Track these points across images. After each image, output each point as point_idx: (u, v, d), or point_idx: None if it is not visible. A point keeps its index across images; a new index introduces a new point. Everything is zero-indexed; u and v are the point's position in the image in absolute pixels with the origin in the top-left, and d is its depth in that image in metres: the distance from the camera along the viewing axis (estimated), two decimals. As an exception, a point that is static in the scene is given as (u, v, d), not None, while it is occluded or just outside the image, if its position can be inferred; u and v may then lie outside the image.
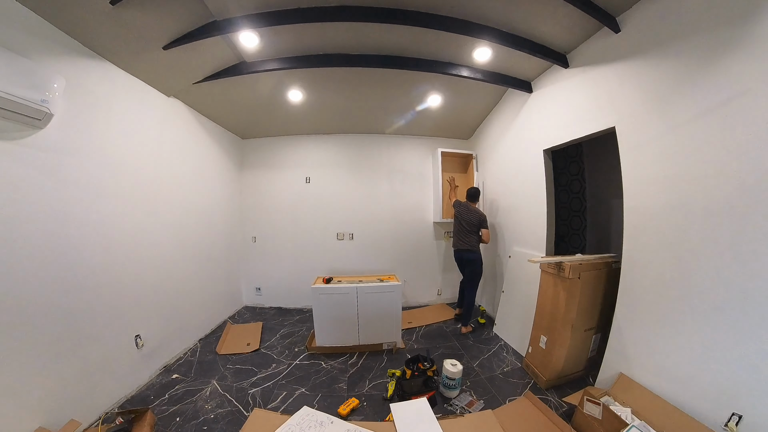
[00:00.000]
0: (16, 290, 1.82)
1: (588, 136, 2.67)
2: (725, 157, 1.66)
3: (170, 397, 2.58)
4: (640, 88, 2.17)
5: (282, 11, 2.34)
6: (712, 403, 1.69)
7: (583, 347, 2.69)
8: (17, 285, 1.82)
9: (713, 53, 1.71)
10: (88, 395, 2.23)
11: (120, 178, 2.61)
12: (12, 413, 1.74)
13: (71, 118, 2.16)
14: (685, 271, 1.88)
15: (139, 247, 2.80)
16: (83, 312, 2.24)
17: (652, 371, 2.06)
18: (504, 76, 3.35)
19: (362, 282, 3.46)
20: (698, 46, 1.79)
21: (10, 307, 1.78)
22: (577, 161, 4.06)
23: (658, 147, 2.04)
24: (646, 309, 2.13)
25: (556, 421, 2.09)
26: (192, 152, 3.70)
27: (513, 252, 3.72)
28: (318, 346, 3.39)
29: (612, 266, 2.67)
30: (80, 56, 2.23)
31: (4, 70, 1.63)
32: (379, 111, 4.27)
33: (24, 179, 1.87)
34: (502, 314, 3.75)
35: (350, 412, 2.38)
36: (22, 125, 1.83)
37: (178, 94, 3.32)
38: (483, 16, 2.48)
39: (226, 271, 4.49)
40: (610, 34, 2.36)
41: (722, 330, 1.67)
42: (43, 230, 1.99)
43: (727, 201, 1.66)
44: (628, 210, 2.31)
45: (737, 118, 1.60)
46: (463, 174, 4.98)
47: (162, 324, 3.06)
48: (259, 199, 4.98)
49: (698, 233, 1.81)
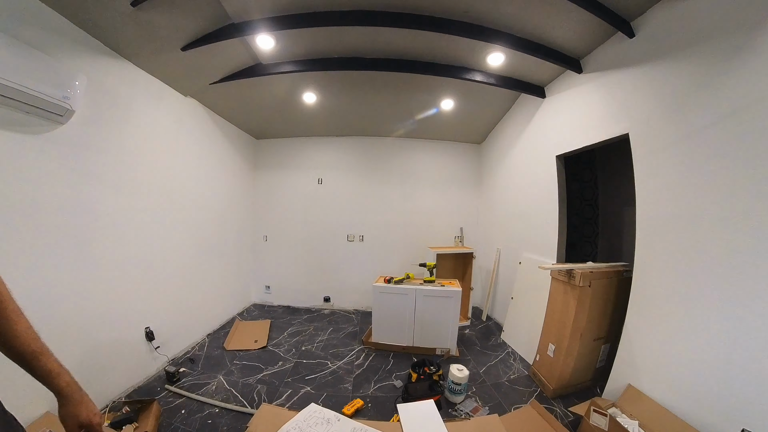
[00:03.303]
0: (34, 277, 1.89)
1: (601, 142, 2.63)
2: (741, 164, 1.61)
3: (176, 390, 2.63)
4: (654, 94, 2.13)
5: (297, 15, 2.38)
6: (721, 418, 1.63)
7: (591, 357, 2.63)
8: (34, 272, 1.90)
9: (728, 59, 1.67)
10: (96, 383, 2.28)
11: (136, 174, 2.69)
12: (21, 399, 1.79)
13: (91, 114, 2.24)
14: (699, 282, 1.83)
15: (152, 242, 2.87)
16: (95, 302, 2.31)
17: (662, 383, 2.00)
18: (517, 81, 3.33)
19: (423, 284, 3.48)
20: (713, 52, 1.75)
21: (26, 293, 1.84)
22: (590, 168, 3.99)
23: (673, 154, 2.00)
24: (658, 320, 2.08)
25: (561, 431, 2.05)
26: (207, 151, 3.79)
27: (523, 258, 3.67)
28: (373, 341, 3.50)
29: (623, 275, 2.61)
30: (101, 55, 2.32)
31: (29, 67, 1.71)
32: (392, 114, 4.30)
33: (45, 172, 1.96)
34: (511, 321, 3.70)
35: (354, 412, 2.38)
36: (45, 120, 1.91)
37: (195, 94, 3.41)
38: (496, 20, 2.47)
39: (236, 268, 4.57)
40: (624, 39, 2.33)
41: (735, 344, 1.62)
42: (61, 221, 2.07)
43: (743, 210, 1.61)
44: (641, 218, 2.26)
45: (754, 124, 1.55)
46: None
47: (172, 317, 3.12)
48: (271, 199, 5.06)
49: (714, 243, 1.75)
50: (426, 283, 3.50)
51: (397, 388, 2.76)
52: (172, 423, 2.23)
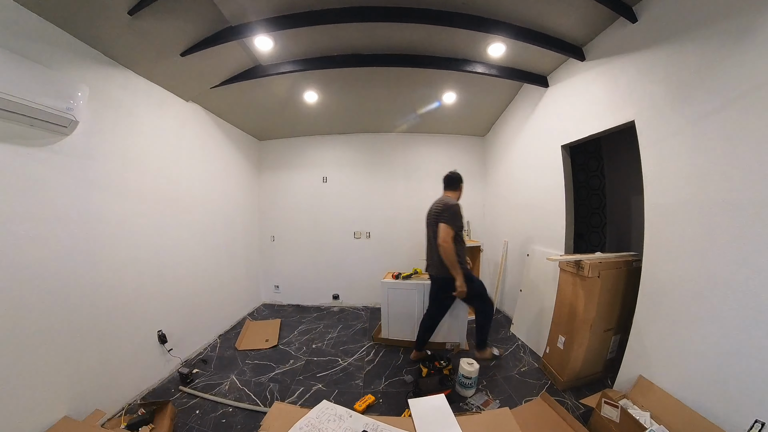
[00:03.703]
0: (46, 285, 1.93)
1: (606, 130, 2.58)
2: (750, 149, 1.57)
3: (190, 390, 2.67)
4: (659, 80, 2.08)
5: (294, 15, 2.37)
6: (734, 408, 1.61)
7: (601, 348, 2.61)
8: (47, 280, 1.94)
9: (735, 41, 1.62)
10: (112, 386, 2.34)
11: (142, 180, 2.72)
12: (40, 402, 1.84)
13: (95, 124, 2.27)
14: (709, 270, 1.79)
15: (160, 246, 2.91)
16: (108, 307, 2.36)
17: (673, 374, 1.98)
18: (519, 71, 3.28)
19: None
20: (718, 34, 1.70)
21: (40, 300, 1.89)
22: (596, 157, 3.93)
23: (680, 141, 1.95)
24: (668, 309, 2.05)
25: (573, 423, 2.03)
26: (211, 154, 3.82)
27: (531, 250, 3.64)
28: (383, 337, 3.53)
29: (632, 265, 2.58)
30: (102, 65, 2.34)
31: (32, 82, 1.73)
32: (394, 110, 4.27)
33: (52, 182, 1.99)
34: (520, 313, 3.69)
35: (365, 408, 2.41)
36: (50, 132, 1.94)
37: (197, 99, 3.43)
38: (495, 11, 2.43)
39: (245, 269, 4.62)
40: (626, 24, 2.27)
41: (748, 332, 1.59)
42: (70, 230, 2.10)
43: (753, 196, 1.57)
44: (650, 206, 2.21)
45: (762, 108, 1.51)
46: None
47: (183, 320, 3.17)
48: (277, 199, 5.09)
49: (724, 230, 1.71)
50: None
51: (408, 383, 2.77)
52: (187, 423, 2.27)
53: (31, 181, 1.87)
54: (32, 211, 1.87)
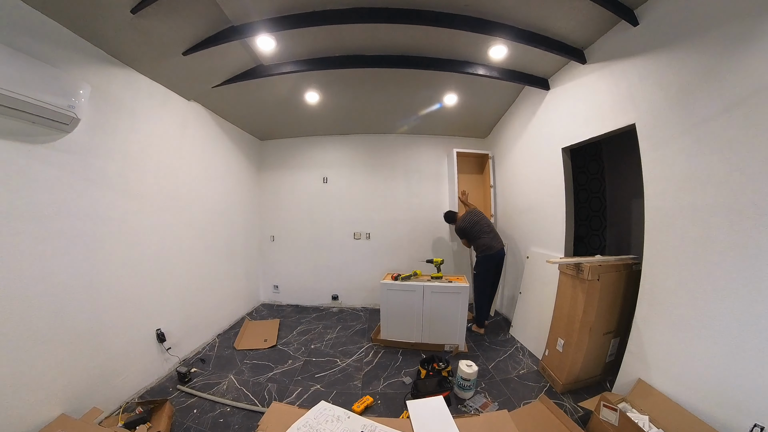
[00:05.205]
0: (46, 282, 1.93)
1: (607, 133, 2.59)
2: (751, 154, 1.57)
3: (188, 390, 2.67)
4: (660, 84, 2.08)
5: (297, 15, 2.38)
6: (734, 412, 1.61)
7: (601, 351, 2.61)
8: (47, 277, 1.94)
9: (736, 46, 1.62)
10: (109, 384, 2.34)
11: (143, 178, 2.72)
12: (37, 400, 1.84)
13: (97, 122, 2.28)
14: (709, 274, 1.79)
15: (160, 245, 2.92)
16: (106, 304, 2.36)
17: (673, 378, 1.97)
18: (520, 74, 3.28)
19: (430, 281, 3.49)
20: (719, 39, 1.70)
21: (40, 297, 1.89)
22: (596, 160, 3.93)
23: (681, 144, 1.95)
24: (668, 313, 2.05)
25: (571, 426, 2.03)
26: (212, 153, 3.82)
27: (531, 253, 3.64)
28: (382, 338, 3.52)
29: (632, 268, 2.58)
30: (104, 64, 2.34)
31: (34, 79, 1.73)
32: (395, 111, 4.28)
33: (54, 180, 1.99)
34: (519, 316, 3.68)
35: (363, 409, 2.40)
36: (52, 129, 1.95)
37: (198, 98, 3.44)
38: (497, 12, 2.44)
39: (244, 268, 4.62)
40: (628, 27, 2.28)
41: (748, 336, 1.59)
42: (71, 227, 2.11)
43: (753, 200, 1.57)
44: (650, 210, 2.22)
45: (762, 112, 1.51)
46: (479, 174, 4.92)
47: (182, 319, 3.17)
48: (277, 199, 5.09)
49: (724, 234, 1.71)
50: (433, 280, 3.50)
51: (407, 384, 2.77)
52: (185, 422, 2.27)
53: (32, 177, 1.87)
54: (32, 208, 1.87)
